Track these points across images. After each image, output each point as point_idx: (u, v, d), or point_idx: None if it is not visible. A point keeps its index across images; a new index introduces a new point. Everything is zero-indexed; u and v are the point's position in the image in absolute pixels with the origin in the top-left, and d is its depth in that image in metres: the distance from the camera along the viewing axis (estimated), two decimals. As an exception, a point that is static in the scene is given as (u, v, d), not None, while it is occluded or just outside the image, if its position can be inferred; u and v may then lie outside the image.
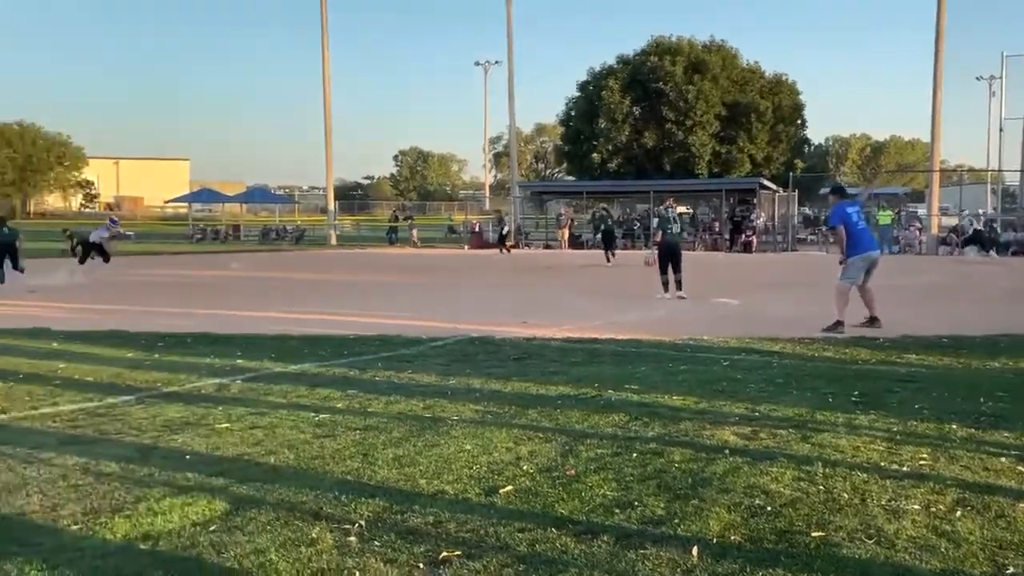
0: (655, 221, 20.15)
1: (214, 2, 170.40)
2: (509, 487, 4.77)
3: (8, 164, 74.53)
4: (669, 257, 15.88)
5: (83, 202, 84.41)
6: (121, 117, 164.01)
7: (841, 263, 11.80)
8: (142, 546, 3.95)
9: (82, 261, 21.45)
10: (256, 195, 61.16)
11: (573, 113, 51.48)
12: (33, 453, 5.49)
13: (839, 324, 11.29)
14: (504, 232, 35.60)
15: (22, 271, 18.95)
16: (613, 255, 27.17)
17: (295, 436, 5.89)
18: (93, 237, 21.87)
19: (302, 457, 5.38)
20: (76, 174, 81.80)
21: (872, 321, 11.63)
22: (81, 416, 6.57)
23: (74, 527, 4.20)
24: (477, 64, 70.03)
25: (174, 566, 3.74)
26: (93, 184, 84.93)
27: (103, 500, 4.59)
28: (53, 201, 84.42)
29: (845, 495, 4.60)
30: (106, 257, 21.71)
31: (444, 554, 3.83)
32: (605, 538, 4.01)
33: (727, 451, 5.44)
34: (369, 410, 6.71)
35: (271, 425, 6.20)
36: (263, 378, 8.09)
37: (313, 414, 6.53)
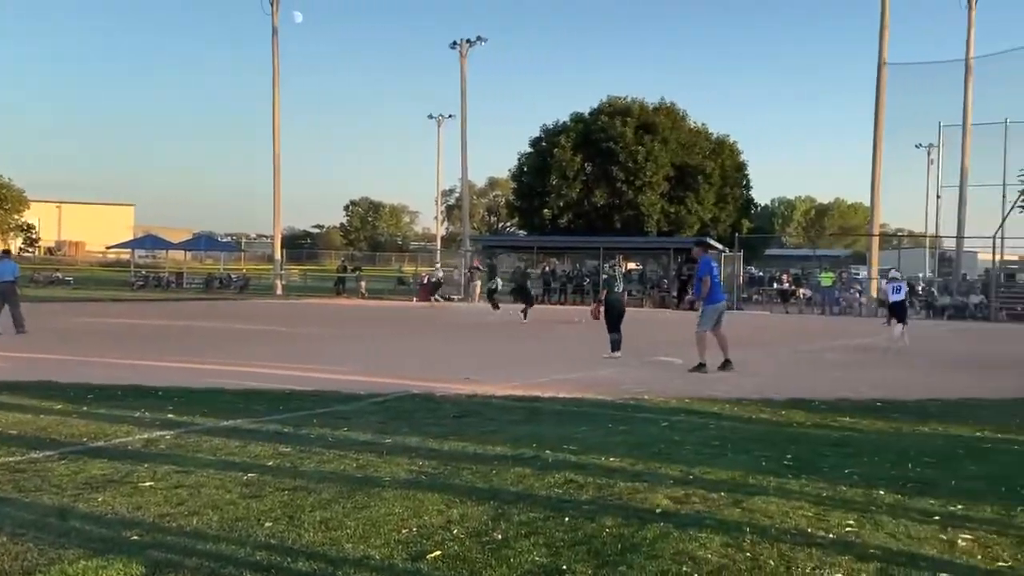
0: (603, 278, 20.36)
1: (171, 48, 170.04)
2: (437, 552, 4.70)
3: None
4: (613, 315, 15.84)
5: (22, 246, 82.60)
6: (66, 160, 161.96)
7: (693, 304, 13.51)
8: (50, 612, 3.81)
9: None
10: (202, 243, 60.42)
11: (525, 168, 51.73)
12: (-55, 511, 5.30)
13: (702, 366, 13.45)
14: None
15: None
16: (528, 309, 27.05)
17: (220, 496, 5.75)
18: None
19: (226, 519, 5.24)
20: (16, 217, 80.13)
21: (726, 364, 13.64)
22: (0, 472, 6.37)
23: (-20, 592, 4.05)
24: (431, 117, 70.63)
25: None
26: (34, 227, 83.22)
27: (15, 562, 4.43)
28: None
29: (771, 563, 4.60)
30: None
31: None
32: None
33: (659, 516, 5.43)
34: (300, 469, 6.59)
35: (197, 484, 6.05)
36: (193, 433, 7.91)
37: (241, 473, 6.39)
